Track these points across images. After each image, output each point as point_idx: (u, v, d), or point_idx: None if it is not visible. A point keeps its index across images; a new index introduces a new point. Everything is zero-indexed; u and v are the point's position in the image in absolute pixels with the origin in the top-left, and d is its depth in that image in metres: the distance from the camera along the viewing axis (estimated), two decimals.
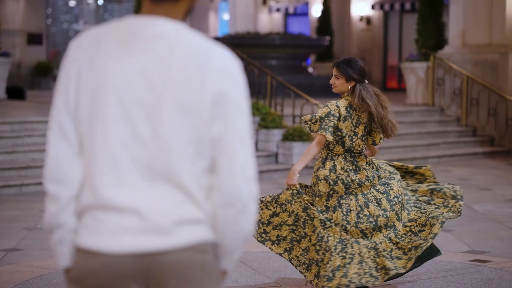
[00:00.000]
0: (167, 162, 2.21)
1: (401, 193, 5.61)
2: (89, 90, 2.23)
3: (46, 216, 2.32)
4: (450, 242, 7.75)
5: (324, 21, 24.14)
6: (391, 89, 24.25)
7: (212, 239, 2.28)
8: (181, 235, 2.22)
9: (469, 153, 14.82)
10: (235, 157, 2.23)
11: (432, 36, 17.18)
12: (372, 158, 5.75)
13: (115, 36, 2.25)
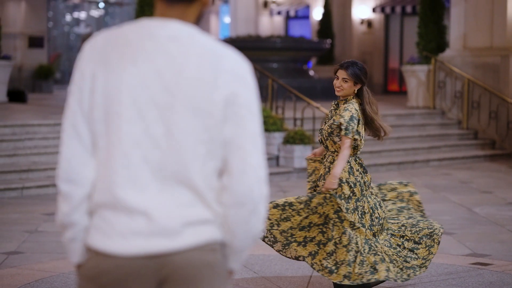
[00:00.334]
0: (179, 162, 2.25)
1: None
2: (103, 91, 2.27)
3: (58, 214, 2.36)
4: (451, 245, 7.75)
5: (325, 24, 24.14)
6: (392, 92, 24.25)
7: (220, 239, 2.32)
8: (190, 236, 2.25)
9: (470, 156, 14.83)
10: (246, 158, 2.27)
11: (433, 39, 17.19)
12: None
13: (129, 38, 2.29)
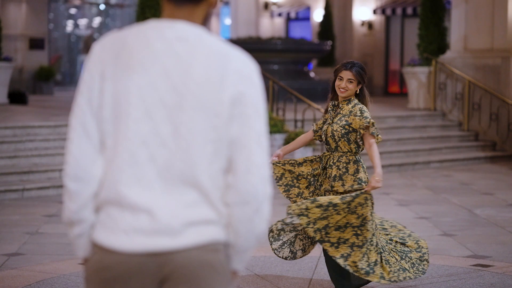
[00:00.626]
0: (186, 161, 2.27)
1: None
2: (113, 91, 2.30)
3: (65, 211, 2.38)
4: (452, 246, 7.75)
5: (326, 26, 24.15)
6: (393, 94, 24.25)
7: (224, 239, 2.33)
8: (191, 235, 2.28)
9: (471, 158, 14.83)
10: (252, 157, 2.30)
11: (434, 40, 17.20)
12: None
13: (138, 38, 2.32)
